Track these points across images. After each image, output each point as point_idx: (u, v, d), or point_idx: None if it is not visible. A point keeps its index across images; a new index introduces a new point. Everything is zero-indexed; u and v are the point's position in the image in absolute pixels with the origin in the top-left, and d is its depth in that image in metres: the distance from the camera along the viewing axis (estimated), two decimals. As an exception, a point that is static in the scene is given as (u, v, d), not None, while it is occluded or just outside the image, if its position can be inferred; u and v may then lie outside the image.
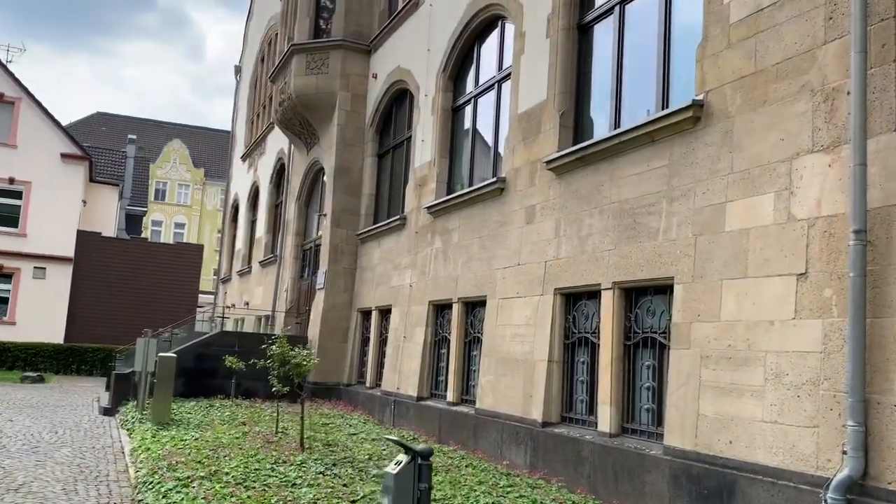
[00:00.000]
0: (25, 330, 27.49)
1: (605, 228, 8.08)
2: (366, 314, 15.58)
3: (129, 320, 29.67)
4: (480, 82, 12.16)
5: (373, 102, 16.32)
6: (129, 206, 38.31)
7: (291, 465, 7.60)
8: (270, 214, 22.94)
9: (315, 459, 7.90)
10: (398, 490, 4.21)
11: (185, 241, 53.51)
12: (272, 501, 6.02)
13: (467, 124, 12.60)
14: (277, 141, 22.56)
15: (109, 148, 38.74)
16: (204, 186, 65.99)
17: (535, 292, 9.25)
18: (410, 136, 14.45)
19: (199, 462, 7.55)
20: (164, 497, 6.13)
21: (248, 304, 23.49)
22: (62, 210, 29.22)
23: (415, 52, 14.22)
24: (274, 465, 7.52)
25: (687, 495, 6.32)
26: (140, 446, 9.17)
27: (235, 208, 28.88)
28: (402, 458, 4.41)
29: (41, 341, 26.30)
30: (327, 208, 16.44)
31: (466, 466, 8.50)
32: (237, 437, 9.44)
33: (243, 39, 30.90)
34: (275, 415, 12.16)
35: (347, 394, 15.20)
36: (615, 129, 8.33)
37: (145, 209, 42.35)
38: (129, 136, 39.07)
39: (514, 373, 9.36)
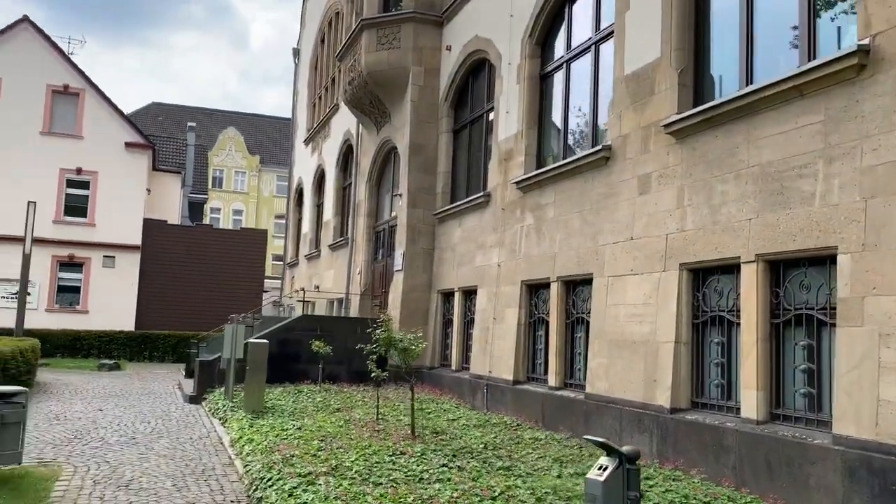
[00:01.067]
0: (97, 318, 27.84)
1: (742, 195, 7.33)
2: (447, 295, 15.06)
3: (196, 306, 29.91)
4: (573, 46, 11.41)
5: (447, 76, 15.69)
6: (190, 193, 38.59)
7: (411, 456, 7.11)
8: (338, 197, 22.56)
9: (433, 450, 7.40)
10: (607, 499, 3.62)
11: (243, 227, 53.63)
12: (408, 500, 5.52)
13: (558, 92, 11.88)
14: (343, 122, 22.11)
15: (169, 136, 38.96)
16: (260, 173, 66.39)
17: (654, 268, 8.55)
18: (491, 109, 13.79)
19: (314, 455, 7.11)
20: (290, 496, 5.68)
21: (318, 287, 23.22)
22: (128, 198, 29.43)
23: (495, 20, 13.51)
24: (392, 458, 7.04)
25: (868, 490, 5.61)
26: (240, 437, 8.81)
27: (299, 192, 28.65)
28: (606, 461, 3.83)
29: (113, 329, 26.59)
30: (402, 188, 15.92)
31: (590, 456, 7.90)
32: (340, 426, 9.01)
33: (300, 21, 30.52)
34: (366, 400, 11.80)
35: (430, 377, 14.73)
36: (748, 85, 7.54)
37: (206, 196, 42.69)
38: (189, 124, 39.31)
39: (632, 355, 8.70)
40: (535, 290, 11.57)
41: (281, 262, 52.65)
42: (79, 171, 29.16)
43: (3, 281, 27.98)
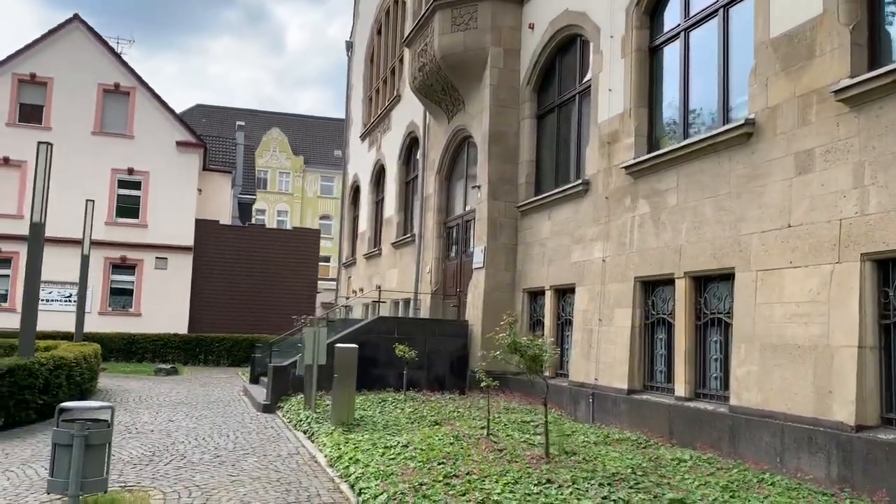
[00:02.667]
0: (150, 321, 27.25)
1: (960, 168, 6.02)
2: (534, 295, 13.87)
3: (249, 308, 29.18)
4: (692, 13, 10.14)
5: (529, 57, 14.49)
6: (239, 194, 37.96)
7: (562, 486, 5.94)
8: (401, 192, 21.51)
9: (584, 478, 6.21)
10: None
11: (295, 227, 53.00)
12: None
13: (672, 65, 10.61)
14: (406, 114, 21.06)
15: (218, 136, 38.40)
16: (304, 173, 65.93)
17: (823, 260, 7.26)
18: (586, 89, 12.58)
19: (446, 483, 5.99)
20: (445, 542, 4.57)
21: (379, 287, 22.18)
22: (180, 199, 28.83)
23: (591, -9, 12.29)
24: (542, 488, 5.88)
25: None
26: (339, 456, 7.74)
27: (355, 190, 27.69)
28: None
29: (167, 332, 25.93)
30: (481, 179, 14.77)
31: (758, 482, 6.65)
32: (450, 444, 7.88)
33: (353, 14, 29.60)
34: (460, 411, 10.68)
35: (518, 383, 13.52)
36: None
37: (254, 197, 42.05)
38: (238, 123, 38.64)
39: (796, 362, 7.42)
40: (651, 287, 10.32)
41: (328, 264, 52.14)
42: (130, 171, 28.64)
43: (56, 284, 27.57)
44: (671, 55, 10.65)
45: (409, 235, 19.73)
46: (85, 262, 16.58)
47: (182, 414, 12.10)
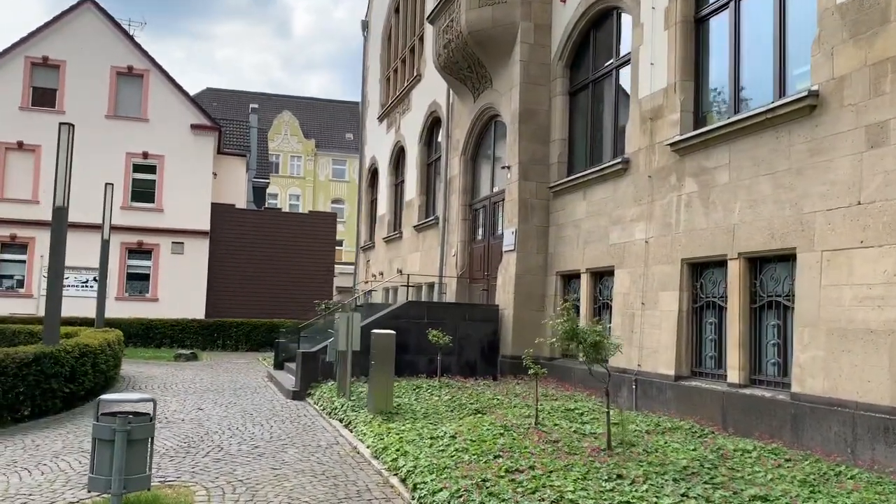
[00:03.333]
0: (167, 306, 27.03)
1: None
2: (568, 278, 13.46)
3: (267, 293, 28.91)
4: (743, -20, 9.62)
5: (561, 32, 13.99)
6: (254, 178, 37.58)
7: (635, 482, 5.56)
8: (423, 174, 21.06)
9: (656, 473, 5.82)
10: None
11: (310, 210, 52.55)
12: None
13: (720, 36, 10.11)
14: (427, 93, 20.57)
15: (232, 119, 37.98)
16: (315, 157, 65.51)
17: (900, 238, 6.82)
18: (625, 63, 12.10)
19: (511, 480, 5.61)
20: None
21: (400, 271, 21.83)
22: (195, 183, 28.50)
23: (630, -39, 11.76)
24: (614, 483, 5.50)
25: None
26: (384, 447, 7.39)
27: (373, 172, 27.25)
28: None
29: (184, 317, 25.68)
30: (511, 159, 14.32)
31: (836, 475, 6.25)
32: (499, 434, 7.51)
33: (369, -8, 29.00)
34: (500, 398, 10.33)
35: (552, 368, 13.11)
36: None
37: (268, 181, 41.68)
38: (252, 106, 38.19)
39: (869, 348, 7.00)
40: (700, 269, 9.89)
41: (341, 248, 51.76)
42: (145, 155, 28.32)
43: (73, 269, 27.32)
44: (719, 26, 10.15)
45: (432, 218, 19.31)
46: (105, 246, 16.26)
47: (210, 402, 11.80)
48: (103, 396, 5.57)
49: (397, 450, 7.11)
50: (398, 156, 23.94)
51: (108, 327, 15.90)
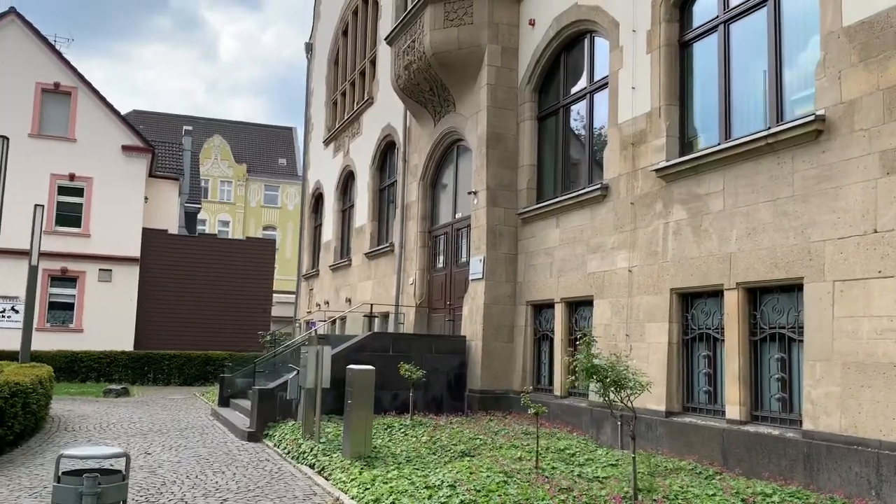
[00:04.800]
0: (92, 337, 25.29)
1: None
2: (539, 308, 12.96)
3: (201, 323, 27.48)
4: (733, 4, 9.41)
5: (529, 56, 13.64)
6: (186, 202, 35.99)
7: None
8: (375, 200, 20.34)
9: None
10: None
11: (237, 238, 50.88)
12: None
13: (707, 60, 9.88)
14: (379, 117, 19.96)
15: (165, 141, 36.40)
16: (247, 182, 63.75)
17: (924, 268, 6.54)
18: (602, 87, 11.78)
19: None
20: None
21: (349, 300, 20.98)
22: (126, 207, 26.98)
23: (607, -17, 11.51)
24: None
25: None
26: (375, 499, 6.60)
27: (317, 197, 26.35)
28: None
29: (112, 349, 24.02)
30: (478, 185, 13.81)
31: (876, 523, 5.84)
32: (503, 482, 6.82)
33: (314, 14, 28.35)
34: (480, 436, 9.62)
35: (522, 404, 12.57)
36: None
37: (199, 206, 40.04)
38: (185, 128, 36.75)
39: (891, 383, 6.67)
40: (691, 299, 9.52)
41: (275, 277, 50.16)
42: (72, 176, 26.65)
43: (-9, 298, 25.34)
44: (706, 49, 9.92)
45: (386, 245, 18.58)
46: (33, 273, 14.89)
47: (157, 445, 10.69)
48: (67, 451, 4.65)
49: (392, 503, 6.34)
50: (346, 180, 23.17)
51: (37, 363, 14.47)
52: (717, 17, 9.64)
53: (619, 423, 10.01)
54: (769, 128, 8.38)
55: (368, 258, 19.95)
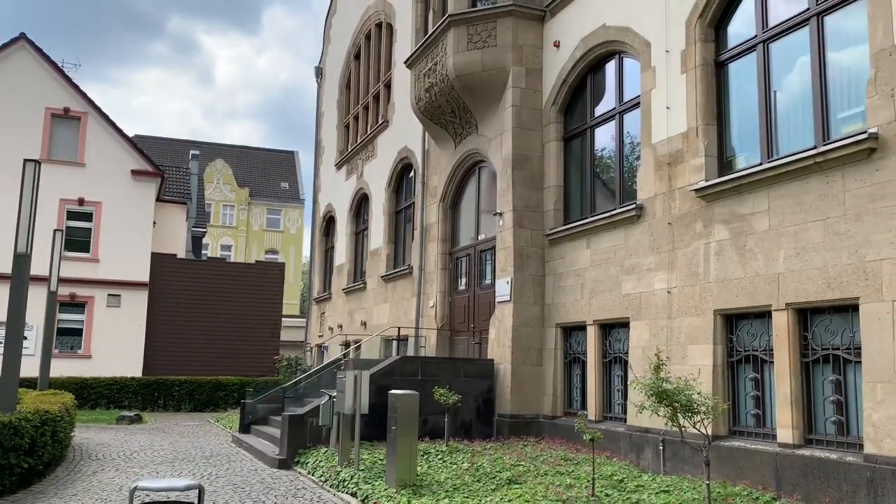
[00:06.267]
0: (101, 363, 25.02)
1: None
2: (569, 330, 12.80)
3: (210, 348, 27.22)
4: (772, 24, 9.38)
5: (554, 77, 13.61)
6: (193, 227, 35.86)
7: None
8: (391, 222, 20.23)
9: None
10: None
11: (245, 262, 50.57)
12: None
13: (745, 79, 9.83)
14: (395, 140, 19.92)
15: (173, 165, 36.36)
16: (249, 206, 63.73)
17: None
18: (632, 108, 11.74)
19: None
20: None
21: (365, 324, 20.79)
22: (135, 231, 26.84)
23: (637, 4, 11.50)
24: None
25: None
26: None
27: (328, 220, 26.24)
28: None
29: (121, 375, 23.74)
30: (504, 206, 13.70)
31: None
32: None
33: (324, 38, 28.45)
34: (523, 463, 9.40)
35: (554, 429, 12.39)
36: None
37: (205, 230, 39.93)
38: (193, 152, 36.67)
39: (962, 404, 6.53)
40: (735, 320, 9.37)
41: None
42: (81, 201, 26.53)
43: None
44: (743, 68, 9.87)
45: (405, 267, 18.44)
46: (52, 299, 14.70)
47: (187, 473, 10.45)
48: (141, 483, 4.47)
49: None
50: (360, 203, 23.07)
51: (57, 390, 14.25)
52: (756, 36, 9.60)
53: (661, 447, 9.86)
54: (815, 146, 8.30)
55: (385, 281, 19.79)
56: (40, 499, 8.56)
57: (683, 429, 6.61)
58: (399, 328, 16.87)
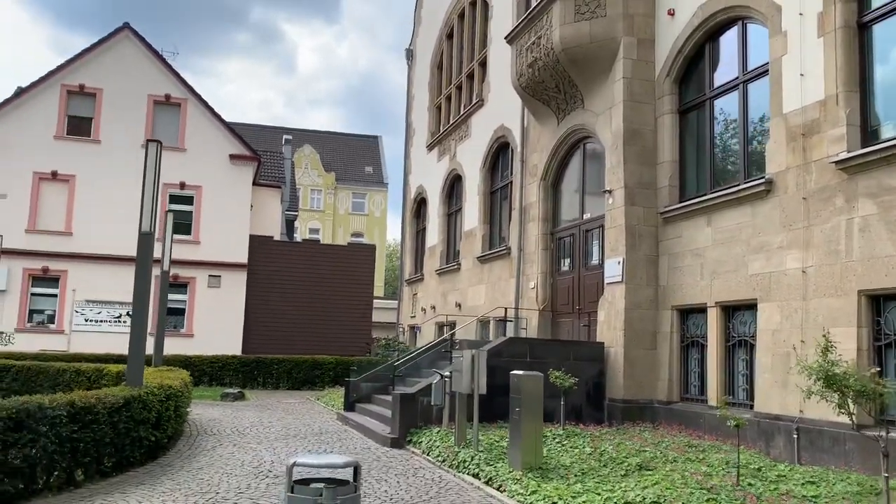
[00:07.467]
0: (202, 342, 25.77)
1: None
2: (686, 312, 12.25)
3: (304, 328, 27.68)
4: (928, -23, 8.59)
5: (668, 46, 12.98)
6: (286, 210, 36.58)
7: None
8: (486, 202, 19.96)
9: None
10: None
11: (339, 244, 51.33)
12: None
13: (891, 41, 9.05)
14: (491, 118, 19.60)
15: (267, 150, 37.09)
16: (336, 190, 64.69)
17: None
18: (758, 76, 11.04)
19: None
20: None
21: (459, 305, 20.65)
22: (233, 214, 27.49)
23: (765, -35, 10.78)
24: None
25: None
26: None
27: (419, 202, 26.20)
28: None
29: (221, 353, 24.39)
30: (614, 183, 13.21)
31: None
32: (713, 500, 6.24)
33: (414, 20, 28.31)
34: (645, 448, 9.00)
35: (670, 414, 11.90)
36: None
37: (297, 213, 40.72)
38: (286, 137, 37.38)
39: None
40: (882, 301, 8.69)
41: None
42: (182, 185, 27.34)
43: (105, 304, 26.22)
44: (890, 30, 9.09)
45: (502, 248, 18.15)
46: (164, 278, 15.13)
47: (303, 449, 10.53)
48: (300, 459, 4.37)
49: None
50: (452, 184, 22.89)
51: (172, 367, 14.66)
52: (907, -7, 8.81)
53: (795, 435, 9.29)
54: None
55: (480, 262, 19.57)
56: (168, 471, 8.72)
57: (846, 413, 6.09)
58: (506, 309, 16.57)
